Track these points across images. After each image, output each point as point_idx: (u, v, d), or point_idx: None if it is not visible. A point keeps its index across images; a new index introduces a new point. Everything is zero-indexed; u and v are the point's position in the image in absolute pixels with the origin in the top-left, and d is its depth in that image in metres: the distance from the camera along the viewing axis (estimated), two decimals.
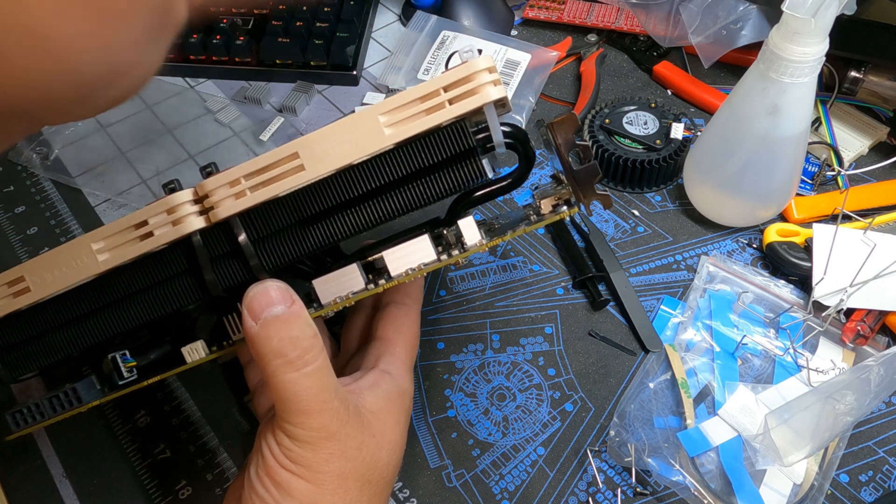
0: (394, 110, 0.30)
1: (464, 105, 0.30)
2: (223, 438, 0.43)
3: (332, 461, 0.31)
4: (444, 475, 0.41)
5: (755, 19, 0.57)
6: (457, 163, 0.31)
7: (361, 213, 0.32)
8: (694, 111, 0.60)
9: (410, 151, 0.31)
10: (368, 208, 0.32)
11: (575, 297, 0.48)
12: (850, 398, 0.38)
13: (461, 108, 0.30)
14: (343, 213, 0.32)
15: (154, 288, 0.33)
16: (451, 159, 0.31)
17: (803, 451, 0.37)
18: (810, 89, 0.42)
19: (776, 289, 0.47)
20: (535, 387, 0.44)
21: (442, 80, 0.30)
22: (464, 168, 0.31)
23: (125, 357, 0.35)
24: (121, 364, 0.35)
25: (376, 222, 0.32)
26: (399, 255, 0.32)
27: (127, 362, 0.35)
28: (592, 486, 0.40)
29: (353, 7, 0.67)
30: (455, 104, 0.30)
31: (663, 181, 0.54)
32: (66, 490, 0.41)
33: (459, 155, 0.31)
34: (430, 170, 0.31)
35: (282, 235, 0.32)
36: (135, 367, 0.35)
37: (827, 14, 0.38)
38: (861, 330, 0.44)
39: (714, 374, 0.44)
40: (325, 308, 0.34)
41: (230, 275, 0.32)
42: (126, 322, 0.33)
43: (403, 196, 0.31)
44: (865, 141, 0.56)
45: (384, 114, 0.30)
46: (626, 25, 0.65)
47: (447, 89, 0.30)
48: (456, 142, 0.30)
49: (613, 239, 0.51)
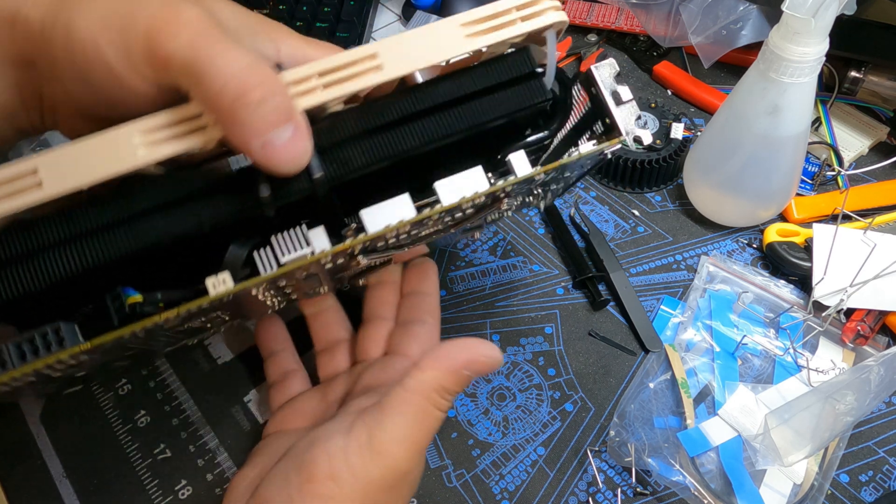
0: (472, 22, 0.31)
1: (534, 23, 0.31)
2: (223, 438, 0.43)
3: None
4: (444, 475, 0.41)
5: (755, 19, 0.56)
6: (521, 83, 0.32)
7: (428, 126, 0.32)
8: (694, 111, 0.60)
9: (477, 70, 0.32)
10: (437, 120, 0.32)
11: (575, 297, 0.48)
12: (850, 398, 0.38)
13: (531, 25, 0.31)
14: (409, 126, 0.31)
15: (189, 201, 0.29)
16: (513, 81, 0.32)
17: (803, 451, 0.37)
18: (810, 89, 0.42)
19: (776, 289, 0.47)
20: (535, 387, 0.44)
21: (514, 1, 0.31)
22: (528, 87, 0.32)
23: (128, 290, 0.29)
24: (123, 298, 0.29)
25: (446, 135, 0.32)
26: (451, 184, 0.32)
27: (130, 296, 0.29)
28: (592, 486, 0.40)
29: (353, 7, 0.67)
30: (526, 21, 0.31)
31: (663, 181, 0.54)
32: (66, 490, 0.41)
33: (521, 77, 0.32)
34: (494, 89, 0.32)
35: (349, 146, 0.31)
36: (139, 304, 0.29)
37: (827, 14, 0.38)
38: (861, 330, 0.44)
39: (714, 374, 0.44)
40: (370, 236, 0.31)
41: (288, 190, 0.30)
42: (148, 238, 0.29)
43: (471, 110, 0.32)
44: (865, 141, 0.56)
45: (464, 24, 0.31)
46: (626, 25, 0.65)
47: (519, 9, 0.31)
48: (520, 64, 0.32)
49: (613, 239, 0.51)
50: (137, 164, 0.27)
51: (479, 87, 0.32)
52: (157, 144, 0.28)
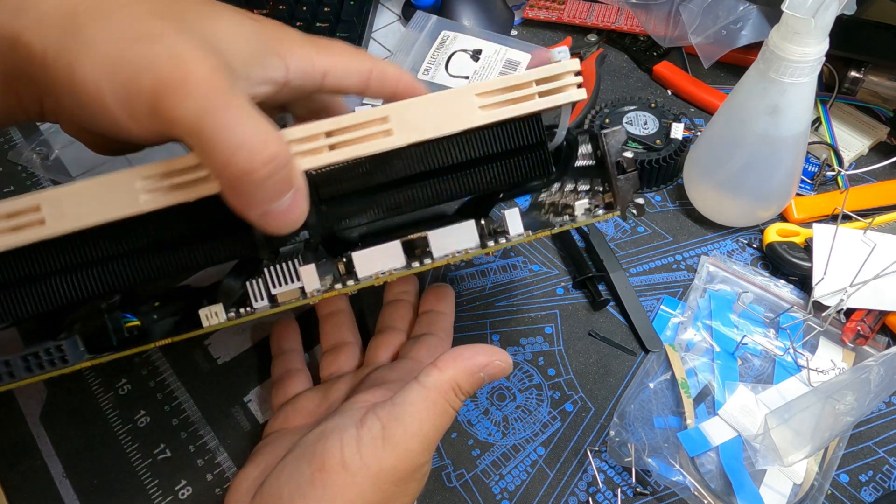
0: (488, 93, 0.31)
1: (551, 100, 0.31)
2: (223, 438, 0.43)
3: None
4: (444, 475, 0.41)
5: (755, 19, 0.56)
6: (525, 153, 0.32)
7: (429, 189, 0.32)
8: (694, 111, 0.60)
9: (487, 136, 0.32)
10: (439, 185, 0.32)
11: (575, 297, 0.48)
12: (850, 398, 0.38)
13: (548, 102, 0.31)
14: (410, 188, 0.31)
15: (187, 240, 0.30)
16: (520, 149, 0.32)
17: (803, 451, 0.37)
18: (810, 89, 0.42)
19: (776, 289, 0.47)
20: (535, 387, 0.44)
21: (535, 74, 0.31)
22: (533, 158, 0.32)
23: (126, 316, 0.31)
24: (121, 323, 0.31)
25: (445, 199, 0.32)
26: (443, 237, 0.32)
27: (128, 321, 0.31)
28: (592, 486, 0.40)
29: (353, 7, 0.67)
30: (544, 98, 0.31)
31: (663, 181, 0.54)
32: (66, 490, 0.41)
33: (529, 147, 0.32)
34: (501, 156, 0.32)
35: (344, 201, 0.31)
36: (137, 328, 0.32)
37: (827, 14, 0.38)
38: (861, 330, 0.44)
39: (714, 374, 0.44)
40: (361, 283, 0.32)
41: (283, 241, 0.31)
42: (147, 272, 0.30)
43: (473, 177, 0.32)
44: (865, 141, 0.56)
45: (479, 95, 0.31)
46: (626, 25, 0.65)
47: (539, 83, 0.31)
48: (530, 133, 0.32)
49: (613, 239, 0.51)
50: (140, 210, 0.28)
51: (484, 152, 0.31)
52: (160, 192, 0.28)
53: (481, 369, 0.33)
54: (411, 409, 0.32)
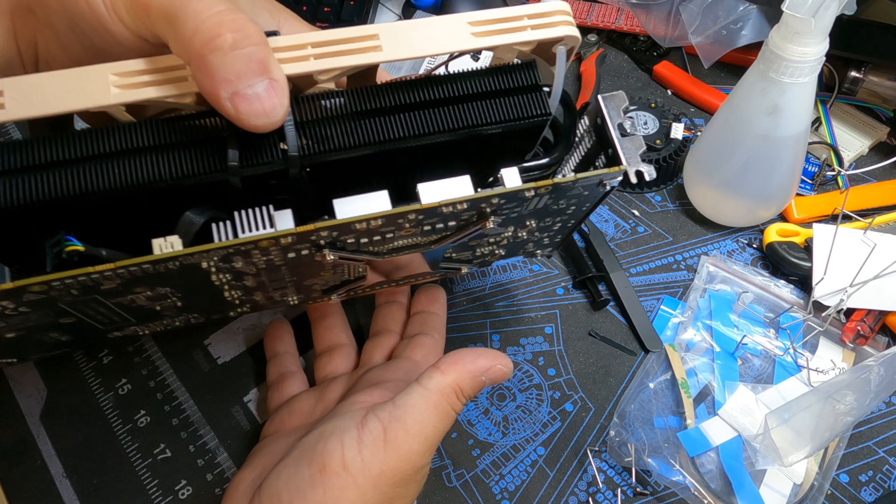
0: (481, 22, 0.30)
1: (545, 32, 0.31)
2: (223, 438, 0.43)
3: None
4: (444, 475, 0.41)
5: (755, 19, 0.56)
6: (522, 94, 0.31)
7: (419, 119, 0.30)
8: (694, 111, 0.60)
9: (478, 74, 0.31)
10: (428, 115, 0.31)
11: (575, 297, 0.48)
12: (850, 398, 0.38)
13: (541, 34, 0.31)
14: (399, 116, 0.30)
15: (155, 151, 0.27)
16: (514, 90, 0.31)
17: (803, 451, 0.37)
18: (810, 89, 0.42)
19: (776, 289, 0.47)
20: (535, 387, 0.44)
21: (527, 9, 0.31)
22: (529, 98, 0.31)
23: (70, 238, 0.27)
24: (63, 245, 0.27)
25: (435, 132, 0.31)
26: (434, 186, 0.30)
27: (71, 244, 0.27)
28: (592, 486, 0.40)
29: (353, 7, 0.67)
30: (536, 30, 0.31)
31: (663, 181, 0.54)
32: (66, 490, 0.41)
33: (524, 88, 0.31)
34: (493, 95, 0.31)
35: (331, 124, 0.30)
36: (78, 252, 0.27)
37: (827, 14, 0.38)
38: (861, 330, 0.44)
39: (714, 374, 0.44)
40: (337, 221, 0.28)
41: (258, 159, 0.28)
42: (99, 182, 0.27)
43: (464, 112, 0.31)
44: (865, 141, 0.56)
45: (472, 23, 0.30)
46: (626, 25, 0.65)
47: (531, 18, 0.31)
48: (524, 75, 0.31)
49: (613, 239, 0.51)
50: (109, 102, 0.26)
51: (478, 89, 0.31)
52: (133, 87, 0.27)
53: (483, 373, 0.33)
54: (413, 410, 0.32)
